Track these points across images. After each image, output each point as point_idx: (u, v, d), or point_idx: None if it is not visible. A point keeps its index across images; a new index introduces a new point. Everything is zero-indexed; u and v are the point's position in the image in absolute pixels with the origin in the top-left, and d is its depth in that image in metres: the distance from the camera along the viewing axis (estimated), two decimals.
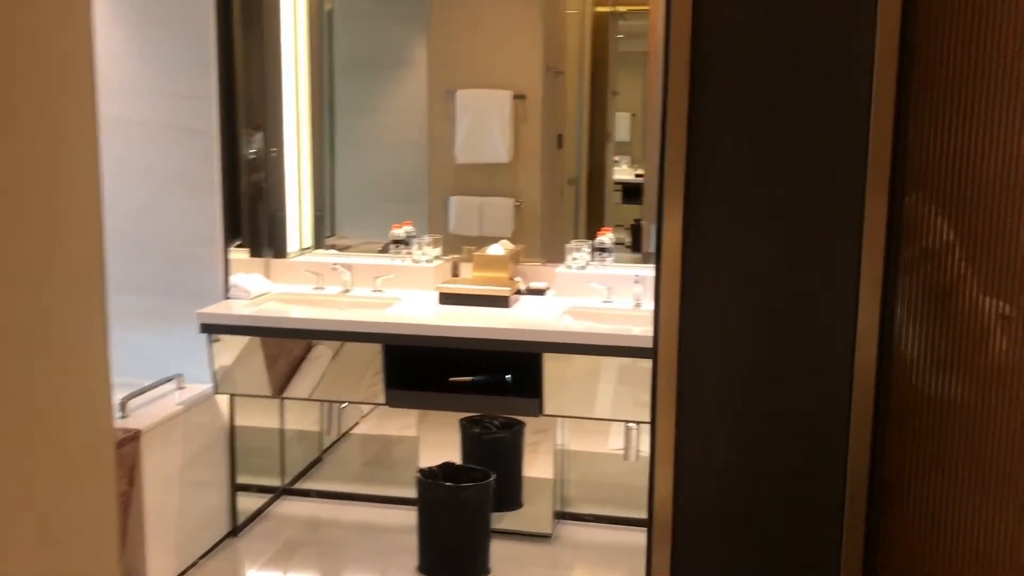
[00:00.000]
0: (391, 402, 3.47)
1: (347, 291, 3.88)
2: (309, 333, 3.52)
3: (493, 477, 3.44)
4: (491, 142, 4.02)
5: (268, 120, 3.95)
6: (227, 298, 3.69)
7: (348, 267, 3.90)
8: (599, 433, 4.16)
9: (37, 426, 1.89)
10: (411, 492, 3.85)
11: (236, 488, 3.79)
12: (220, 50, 3.62)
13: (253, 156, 3.90)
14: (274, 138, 3.97)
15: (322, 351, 3.57)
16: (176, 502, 3.41)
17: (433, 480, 3.44)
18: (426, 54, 4.18)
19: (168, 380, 3.55)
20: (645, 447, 3.64)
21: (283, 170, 4.02)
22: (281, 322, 3.53)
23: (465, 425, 3.85)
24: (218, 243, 3.66)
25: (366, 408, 4.59)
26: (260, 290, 3.78)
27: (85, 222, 1.96)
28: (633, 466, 3.66)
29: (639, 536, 3.86)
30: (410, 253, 4.00)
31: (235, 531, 3.77)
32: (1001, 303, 1.02)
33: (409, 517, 3.70)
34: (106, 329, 2.15)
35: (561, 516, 3.92)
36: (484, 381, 3.37)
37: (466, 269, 3.91)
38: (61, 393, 1.97)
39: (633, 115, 4.58)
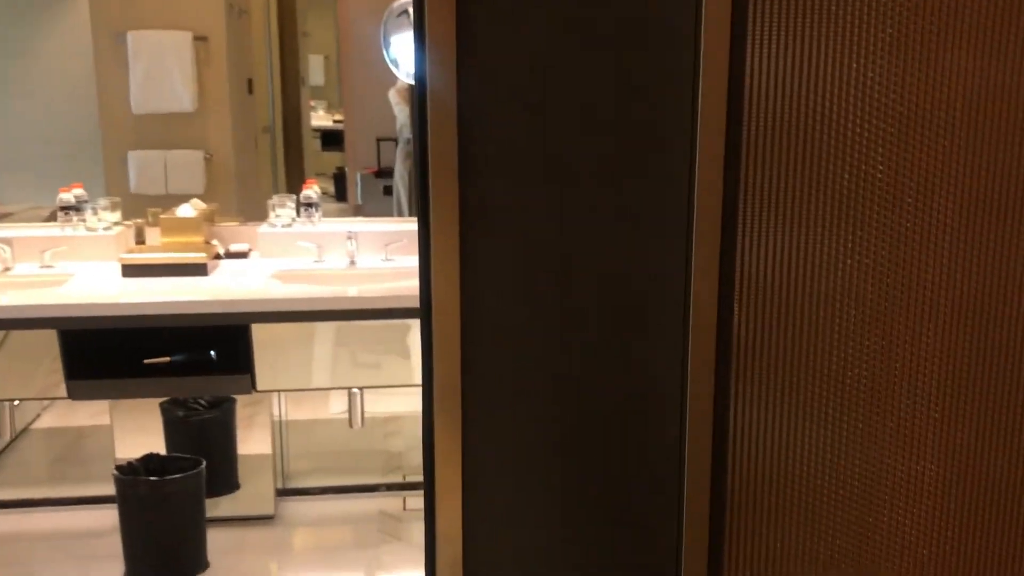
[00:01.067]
0: (74, 395, 3.02)
1: (8, 270, 3.32)
2: None
3: (203, 464, 3.11)
4: (172, 89, 3.60)
5: None
6: None
7: (7, 242, 3.34)
8: (319, 398, 3.93)
9: None
10: (111, 488, 3.43)
11: None
12: None
13: None
14: None
15: None
16: None
17: (134, 476, 3.05)
18: None
19: None
20: (370, 410, 3.47)
21: None
22: None
23: (167, 408, 3.47)
24: None
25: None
26: None
27: None
28: (358, 431, 3.47)
29: (367, 503, 3.70)
30: (83, 220, 3.49)
31: None
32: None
33: (111, 517, 3.28)
34: None
35: (283, 493, 3.66)
36: (185, 360, 3.01)
37: (153, 235, 3.47)
38: None
39: (326, 57, 4.33)
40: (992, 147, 0.95)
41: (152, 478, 3.03)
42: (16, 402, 3.41)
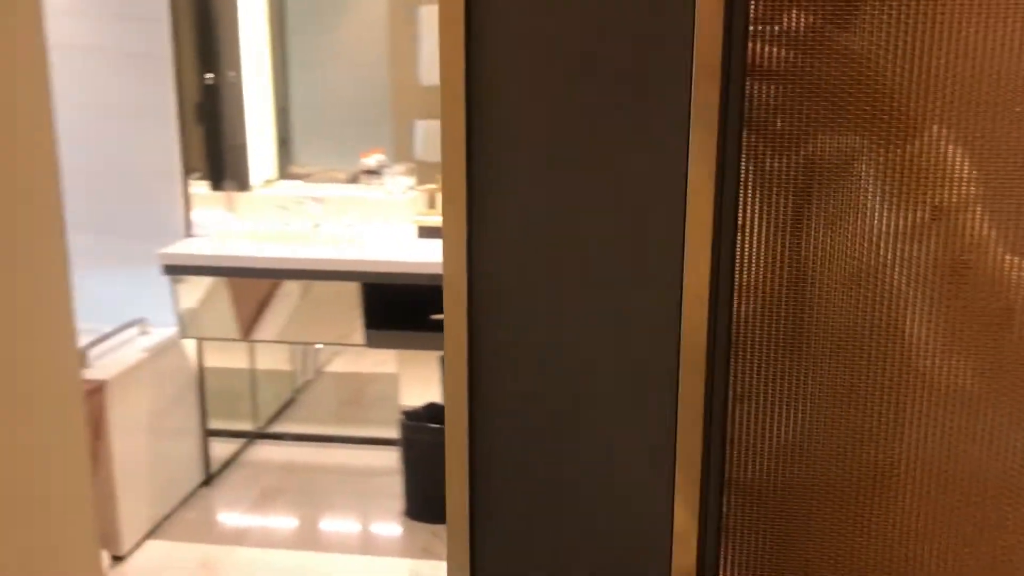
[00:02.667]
0: (370, 343, 3.30)
1: (317, 226, 3.65)
2: (279, 273, 3.31)
3: None
4: None
5: (224, 42, 3.66)
6: (189, 236, 3.46)
7: (318, 200, 3.67)
8: None
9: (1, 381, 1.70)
10: (391, 432, 3.71)
11: (208, 434, 3.61)
12: None
13: (210, 81, 3.62)
14: (231, 61, 3.69)
15: (291, 289, 3.37)
16: (146, 453, 3.23)
17: (418, 422, 3.29)
18: None
19: (130, 325, 3.33)
20: None
21: (242, 95, 3.75)
22: (249, 261, 3.31)
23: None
24: (176, 177, 3.41)
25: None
26: (223, 227, 3.54)
27: (39, 156, 1.74)
28: None
29: None
30: (382, 184, 3.77)
31: (209, 480, 3.60)
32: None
33: (391, 459, 3.56)
34: (68, 272, 1.94)
35: None
36: None
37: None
38: (24, 343, 1.77)
39: None
40: None
41: (435, 425, 3.25)
42: (319, 346, 3.76)
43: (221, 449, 3.73)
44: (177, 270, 3.31)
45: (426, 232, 3.44)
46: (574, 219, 0.93)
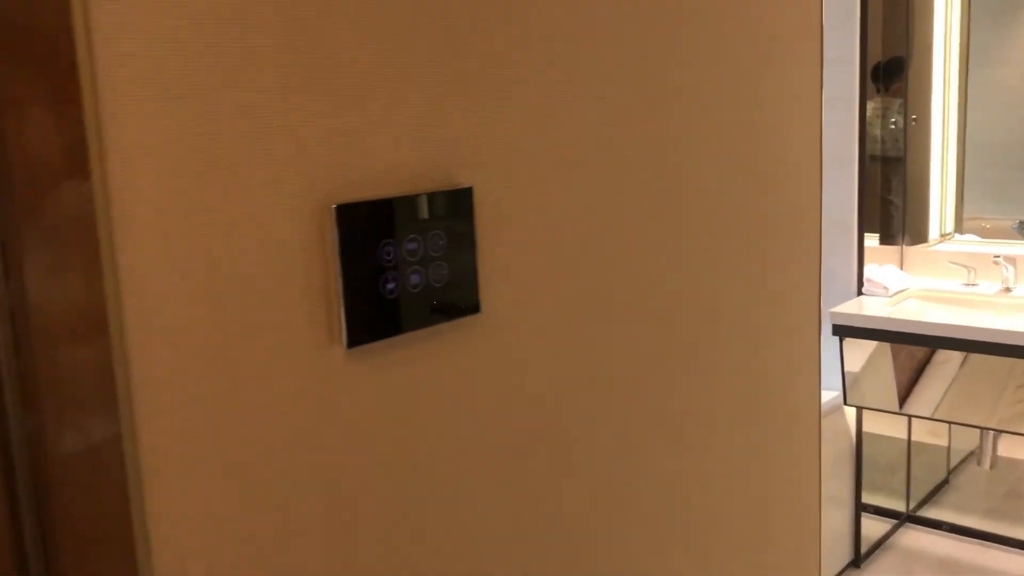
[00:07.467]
0: None
1: (1008, 290, 3.15)
2: (962, 343, 2.88)
3: None
4: None
5: (911, 83, 3.34)
6: (860, 294, 3.19)
7: (1011, 260, 3.17)
8: None
9: (756, 402, 1.60)
10: None
11: (860, 509, 3.30)
12: (863, 5, 3.10)
13: (892, 126, 3.33)
14: (916, 104, 3.36)
15: (947, 357, 2.92)
16: None
17: None
18: None
19: None
20: None
21: (928, 142, 3.39)
22: (929, 328, 2.94)
23: None
24: (853, 230, 3.17)
25: None
26: (898, 286, 3.22)
27: (806, 205, 1.62)
28: None
29: None
30: None
31: (857, 560, 3.30)
32: None
33: None
34: (818, 332, 1.79)
35: None
36: None
37: None
38: (779, 369, 1.65)
39: None
40: None
41: None
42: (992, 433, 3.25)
43: (870, 528, 3.40)
44: (847, 331, 3.06)
45: None
46: None
